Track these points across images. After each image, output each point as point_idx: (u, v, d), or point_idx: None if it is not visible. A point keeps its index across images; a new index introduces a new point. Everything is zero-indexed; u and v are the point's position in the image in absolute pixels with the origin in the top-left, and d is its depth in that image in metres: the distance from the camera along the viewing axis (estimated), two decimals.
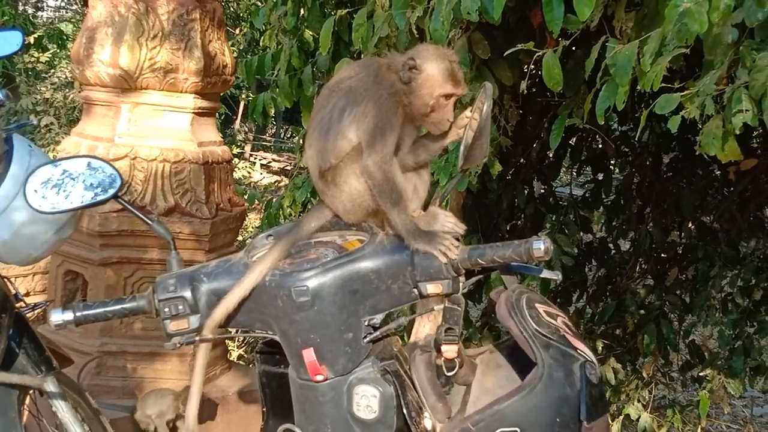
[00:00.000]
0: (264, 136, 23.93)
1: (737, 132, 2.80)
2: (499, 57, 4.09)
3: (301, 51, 5.43)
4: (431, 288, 2.23)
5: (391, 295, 2.25)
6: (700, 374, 6.33)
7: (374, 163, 2.24)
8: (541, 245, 2.15)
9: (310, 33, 5.65)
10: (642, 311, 6.29)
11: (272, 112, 6.05)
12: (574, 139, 6.34)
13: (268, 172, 22.11)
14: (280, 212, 6.32)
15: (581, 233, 6.11)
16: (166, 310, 2.30)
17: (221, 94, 5.33)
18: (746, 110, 2.72)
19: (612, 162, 6.70)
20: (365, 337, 2.25)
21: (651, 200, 6.63)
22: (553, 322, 2.30)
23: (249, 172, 19.98)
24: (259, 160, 22.37)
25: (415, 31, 3.90)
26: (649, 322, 6.09)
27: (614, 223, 6.78)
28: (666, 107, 2.89)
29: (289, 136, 26.42)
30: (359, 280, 2.22)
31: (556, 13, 3.26)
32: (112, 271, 4.64)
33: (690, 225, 6.57)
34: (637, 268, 6.68)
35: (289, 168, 21.80)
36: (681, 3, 2.48)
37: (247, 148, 21.86)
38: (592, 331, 6.39)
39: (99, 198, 2.47)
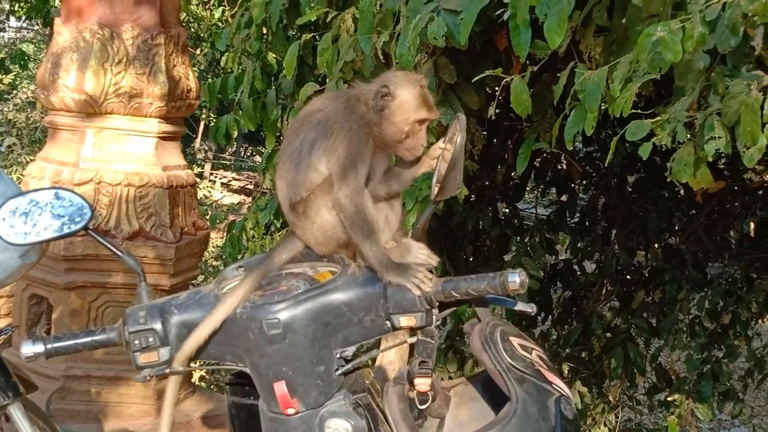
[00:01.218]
0: (224, 155, 23.89)
1: (709, 159, 2.80)
2: (466, 81, 4.09)
3: (264, 74, 5.41)
4: (404, 321, 2.19)
5: (363, 328, 2.21)
6: (668, 399, 6.33)
7: (345, 196, 2.20)
8: (516, 278, 2.12)
9: (274, 56, 5.64)
10: (608, 334, 6.29)
11: (235, 134, 6.02)
12: (539, 161, 6.34)
13: (228, 191, 22.07)
14: (243, 234, 6.29)
15: (546, 255, 6.10)
16: (137, 342, 2.25)
17: None
18: (719, 137, 2.72)
19: (577, 183, 6.71)
20: (337, 369, 2.20)
21: (616, 222, 6.64)
22: (528, 355, 2.26)
23: (209, 192, 19.93)
24: (219, 179, 22.33)
25: (381, 56, 3.88)
26: (616, 346, 6.09)
27: (579, 245, 6.79)
28: (637, 134, 2.88)
29: (249, 155, 26.39)
30: (331, 313, 2.18)
31: (523, 39, 3.23)
32: (77, 296, 4.60)
33: (656, 247, 6.58)
34: (603, 290, 6.68)
35: (249, 187, 21.76)
36: (655, 32, 2.47)
37: (207, 167, 21.83)
38: (558, 354, 6.38)
39: (69, 230, 2.43)
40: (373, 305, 2.19)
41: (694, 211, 6.64)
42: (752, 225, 7.00)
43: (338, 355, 2.20)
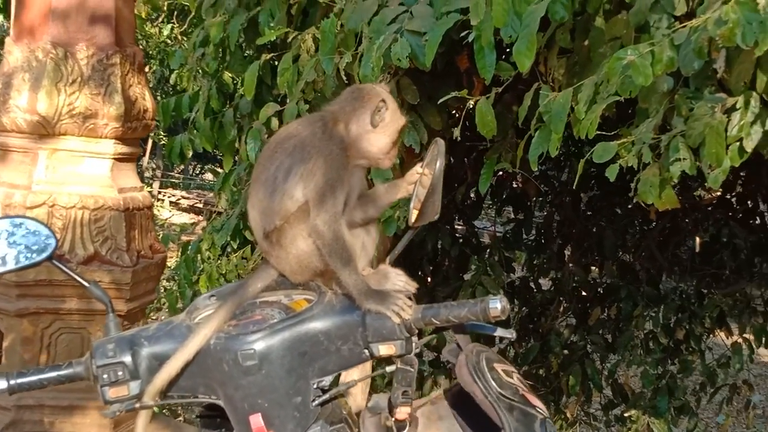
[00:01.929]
0: (172, 173, 23.72)
1: (675, 180, 2.82)
2: (428, 102, 4.09)
3: (220, 93, 5.37)
4: (384, 349, 2.16)
5: (341, 357, 2.18)
6: (625, 414, 6.37)
7: (323, 222, 2.17)
8: (497, 304, 2.10)
9: (230, 75, 5.60)
10: (566, 351, 6.32)
11: (190, 154, 5.97)
12: (495, 179, 6.37)
13: (177, 210, 21.89)
14: (198, 256, 6.23)
15: (504, 273, 6.12)
16: (105, 376, 2.18)
17: None
18: (684, 159, 2.74)
19: (533, 201, 6.74)
20: (314, 400, 2.16)
21: (572, 239, 6.68)
22: (512, 381, 2.25)
23: (158, 211, 19.76)
24: (168, 197, 22.15)
25: (344, 77, 3.86)
26: (574, 363, 6.12)
27: (535, 262, 6.82)
28: (604, 156, 2.89)
29: (198, 173, 26.20)
30: (308, 342, 2.14)
31: (488, 61, 3.24)
32: (29, 322, 4.47)
33: (611, 264, 6.63)
34: (560, 307, 6.71)
35: (199, 205, 21.62)
36: (625, 56, 2.48)
37: (156, 185, 21.65)
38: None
39: (33, 260, 2.36)
40: (351, 333, 2.16)
41: (647, 228, 6.70)
42: (698, 241, 7.09)
43: (315, 385, 2.17)
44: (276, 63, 4.43)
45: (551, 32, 3.29)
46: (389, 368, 2.23)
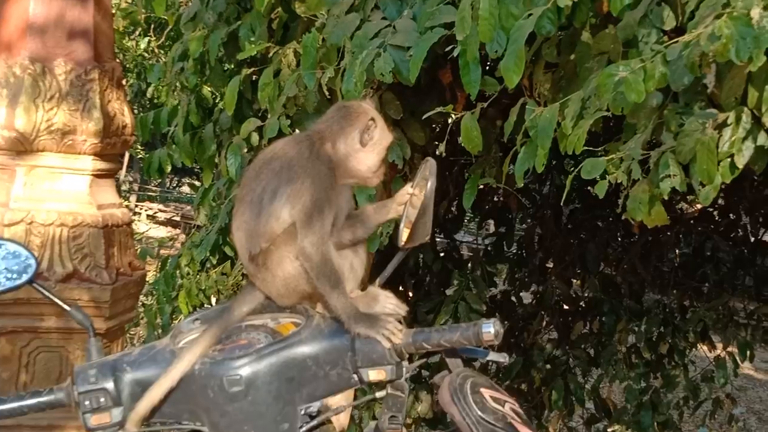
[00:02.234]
0: (149, 187, 23.61)
1: (665, 197, 2.78)
2: (411, 116, 4.05)
3: (199, 107, 5.32)
4: (373, 374, 2.10)
5: (329, 382, 2.12)
6: (608, 429, 6.34)
7: (311, 244, 2.12)
8: (491, 329, 2.06)
9: (209, 89, 5.55)
10: (548, 366, 6.28)
11: (168, 168, 5.93)
12: (476, 193, 6.32)
13: (154, 223, 21.78)
14: (177, 272, 6.17)
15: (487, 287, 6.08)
16: (87, 403, 2.12)
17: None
18: (674, 175, 2.70)
19: (514, 214, 6.71)
20: (301, 426, 2.11)
21: (553, 253, 6.65)
22: (500, 408, 2.19)
23: (135, 224, 19.64)
24: (145, 211, 22.04)
25: (326, 92, 3.82)
26: (556, 377, 6.08)
27: (517, 276, 6.79)
28: (592, 172, 2.85)
29: (175, 186, 26.11)
30: (296, 367, 2.08)
31: (473, 76, 3.21)
32: (7, 341, 4.37)
33: (594, 277, 6.60)
34: (543, 321, 6.68)
35: (176, 219, 21.51)
36: (616, 72, 2.44)
37: (133, 198, 21.55)
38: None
39: (14, 283, 2.30)
40: (340, 358, 2.11)
41: (629, 241, 6.69)
42: (677, 252, 7.08)
43: (302, 411, 2.11)
44: (256, 78, 4.39)
45: (537, 47, 3.26)
46: (379, 394, 2.18)
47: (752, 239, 6.86)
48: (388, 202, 2.40)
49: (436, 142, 3.57)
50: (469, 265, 6.10)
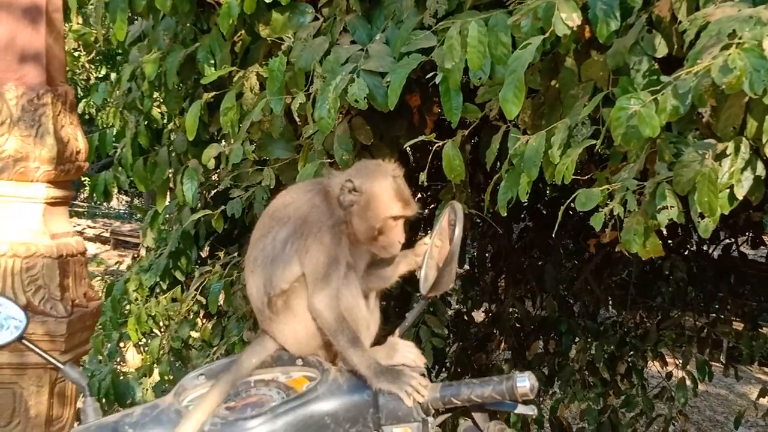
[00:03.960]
0: (76, 202, 23.12)
1: (662, 229, 2.72)
2: (380, 141, 3.96)
3: (149, 129, 5.16)
4: None
5: None
6: None
7: (320, 301, 2.00)
8: (526, 383, 1.96)
9: (159, 111, 5.40)
10: None
11: (115, 191, 5.75)
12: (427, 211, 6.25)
13: (83, 239, 21.32)
14: (125, 297, 5.99)
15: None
16: None
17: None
18: (671, 207, 2.64)
19: (467, 233, 6.64)
20: None
21: (506, 271, 6.59)
22: None
23: None
24: (74, 226, 21.59)
25: (296, 116, 3.71)
26: None
27: (469, 295, 6.71)
28: (587, 204, 2.78)
29: (101, 201, 25.61)
30: (314, 426, 1.96)
31: (455, 104, 3.15)
32: None
33: (550, 297, 6.55)
34: (498, 341, 6.61)
35: (105, 234, 21.06)
36: (628, 105, 2.36)
37: None
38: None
39: (3, 341, 2.14)
40: (360, 416, 1.99)
41: (579, 260, 6.66)
42: (631, 271, 7.06)
43: None
44: (213, 100, 4.25)
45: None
46: None
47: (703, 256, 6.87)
48: (407, 252, 2.29)
49: (405, 166, 3.48)
50: None
